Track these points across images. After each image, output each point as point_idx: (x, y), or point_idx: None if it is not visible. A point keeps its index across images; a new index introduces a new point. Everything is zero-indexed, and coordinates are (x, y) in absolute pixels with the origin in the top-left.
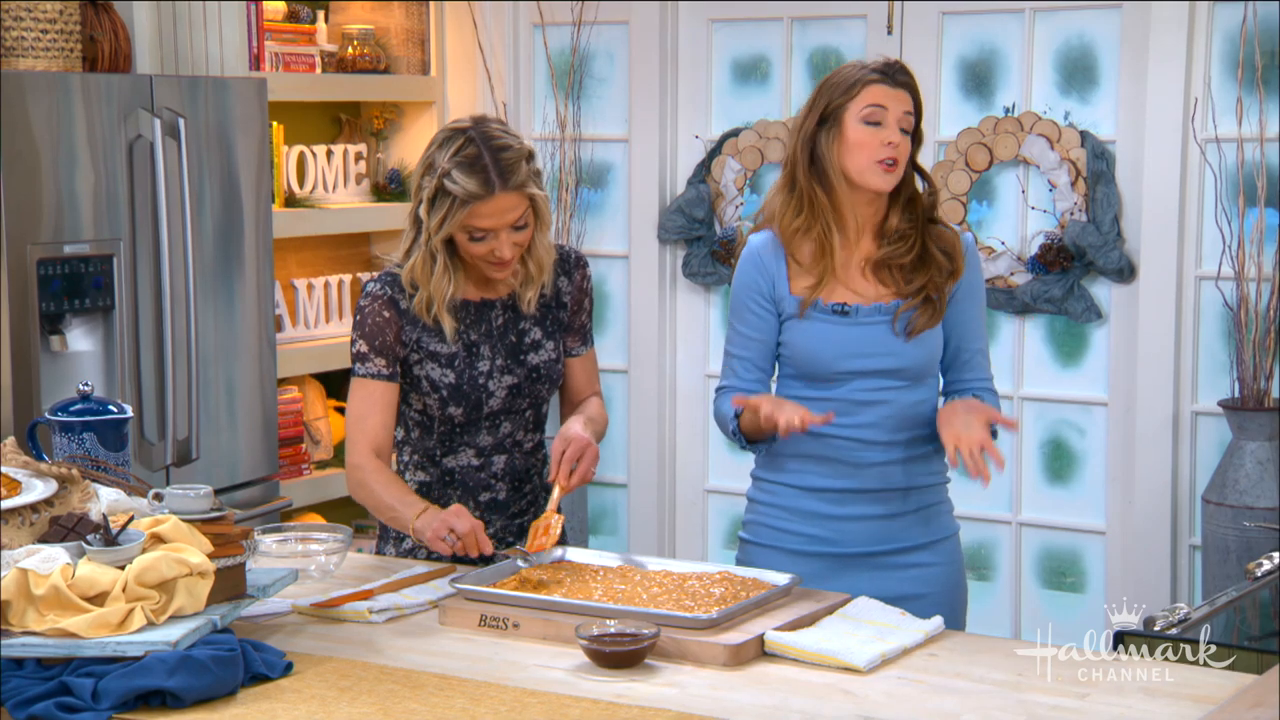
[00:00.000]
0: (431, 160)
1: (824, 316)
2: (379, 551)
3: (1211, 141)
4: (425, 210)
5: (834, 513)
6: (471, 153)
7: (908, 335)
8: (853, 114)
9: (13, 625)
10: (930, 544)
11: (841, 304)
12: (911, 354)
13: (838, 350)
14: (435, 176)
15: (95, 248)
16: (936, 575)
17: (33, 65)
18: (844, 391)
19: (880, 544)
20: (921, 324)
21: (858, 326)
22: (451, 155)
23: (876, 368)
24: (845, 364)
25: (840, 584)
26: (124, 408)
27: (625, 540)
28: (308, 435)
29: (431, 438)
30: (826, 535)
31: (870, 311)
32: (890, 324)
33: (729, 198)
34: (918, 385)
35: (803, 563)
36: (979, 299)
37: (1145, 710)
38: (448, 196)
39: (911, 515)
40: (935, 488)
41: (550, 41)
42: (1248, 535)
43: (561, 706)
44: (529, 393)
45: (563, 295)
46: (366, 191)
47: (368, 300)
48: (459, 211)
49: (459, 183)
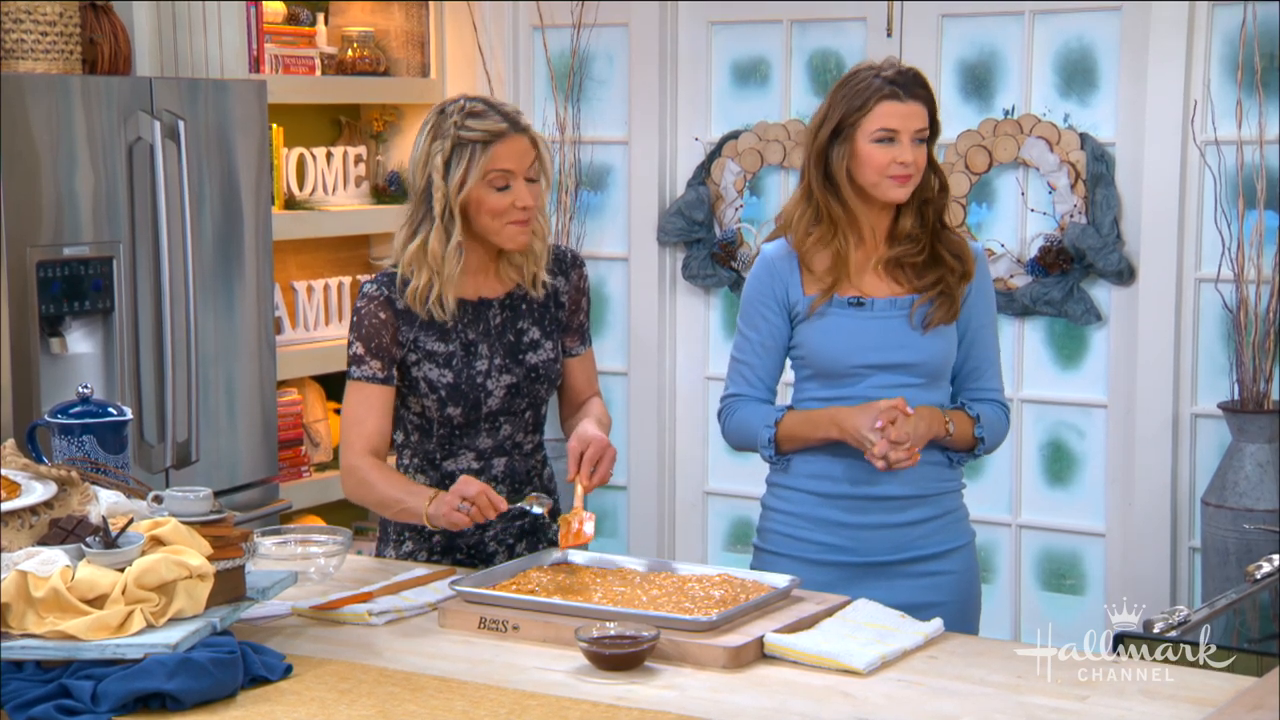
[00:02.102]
0: (436, 128)
1: (840, 310)
2: (379, 554)
3: (1211, 144)
4: (441, 175)
5: (851, 521)
6: (476, 107)
7: (924, 328)
8: (864, 132)
9: (12, 628)
10: (946, 552)
11: (857, 297)
12: (928, 348)
13: (854, 343)
14: (447, 137)
15: (95, 250)
16: (952, 583)
17: (33, 67)
18: (861, 389)
19: (897, 553)
20: (938, 317)
21: (874, 320)
22: (457, 113)
23: (893, 361)
24: (862, 357)
25: (856, 592)
26: (124, 410)
27: (625, 543)
28: (307, 437)
29: (431, 441)
30: (843, 544)
31: (886, 305)
32: (907, 317)
33: (728, 200)
34: (933, 386)
35: (819, 571)
36: (989, 308)
37: (1145, 712)
38: (466, 146)
39: (928, 523)
40: (951, 494)
41: (550, 44)
42: (1247, 537)
43: (561, 709)
44: (528, 393)
45: (560, 295)
46: (366, 194)
47: (364, 301)
48: (481, 157)
49: (475, 128)
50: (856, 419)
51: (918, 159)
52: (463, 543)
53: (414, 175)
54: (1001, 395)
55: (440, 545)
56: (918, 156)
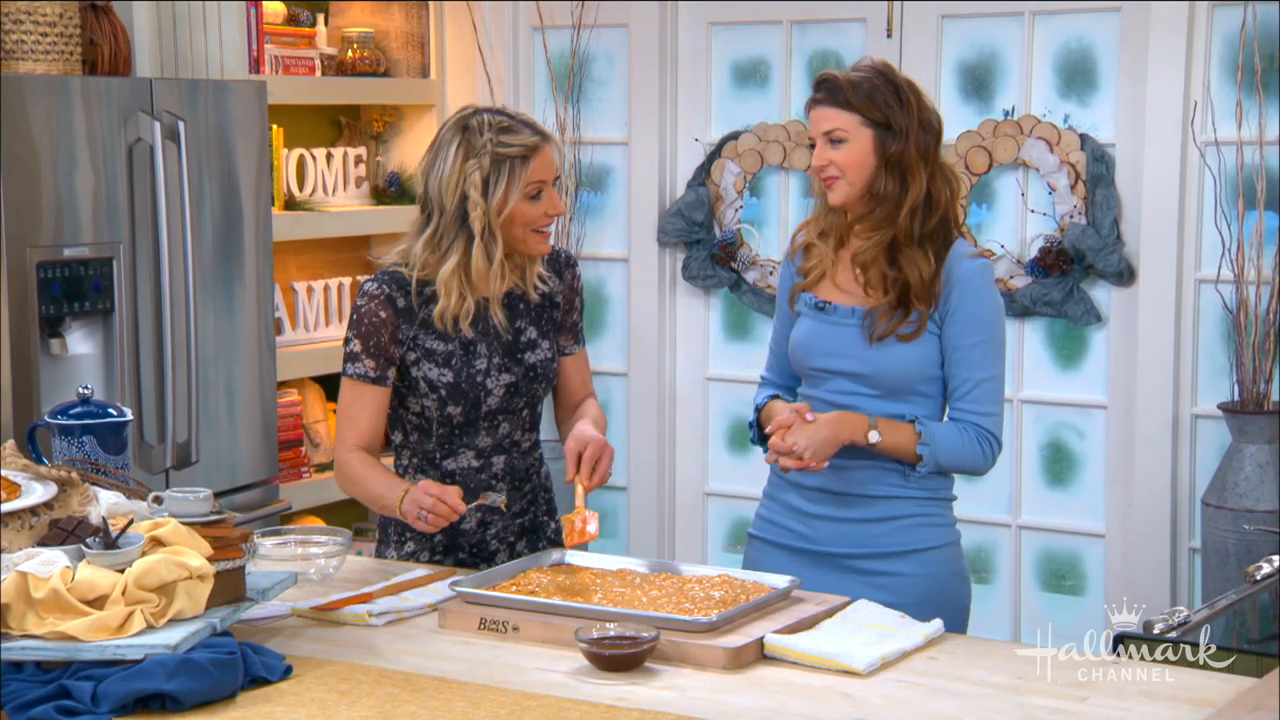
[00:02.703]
0: (468, 147)
1: (809, 312)
2: (379, 554)
3: (1211, 144)
4: (480, 192)
5: (808, 510)
6: (503, 121)
7: (871, 340)
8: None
9: (12, 628)
10: (906, 554)
11: (825, 301)
12: (877, 360)
13: (812, 346)
14: (484, 154)
15: (95, 251)
16: (910, 586)
17: (33, 68)
18: (822, 391)
19: (849, 546)
20: (883, 328)
21: (832, 325)
22: (487, 129)
23: (843, 369)
24: (817, 361)
25: (815, 581)
26: (124, 411)
27: (625, 543)
28: (307, 438)
29: (430, 440)
30: (805, 531)
31: (846, 313)
32: (860, 328)
33: (728, 200)
34: (894, 399)
35: (784, 557)
36: (976, 329)
37: (1145, 713)
38: (505, 162)
39: (879, 524)
40: (907, 500)
41: (550, 44)
42: (1247, 538)
43: (561, 709)
44: (526, 392)
45: (555, 295)
46: (366, 194)
47: (365, 299)
48: (521, 170)
49: (511, 144)
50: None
51: (840, 161)
52: (465, 542)
53: (442, 195)
54: (987, 420)
55: (442, 545)
56: (838, 159)
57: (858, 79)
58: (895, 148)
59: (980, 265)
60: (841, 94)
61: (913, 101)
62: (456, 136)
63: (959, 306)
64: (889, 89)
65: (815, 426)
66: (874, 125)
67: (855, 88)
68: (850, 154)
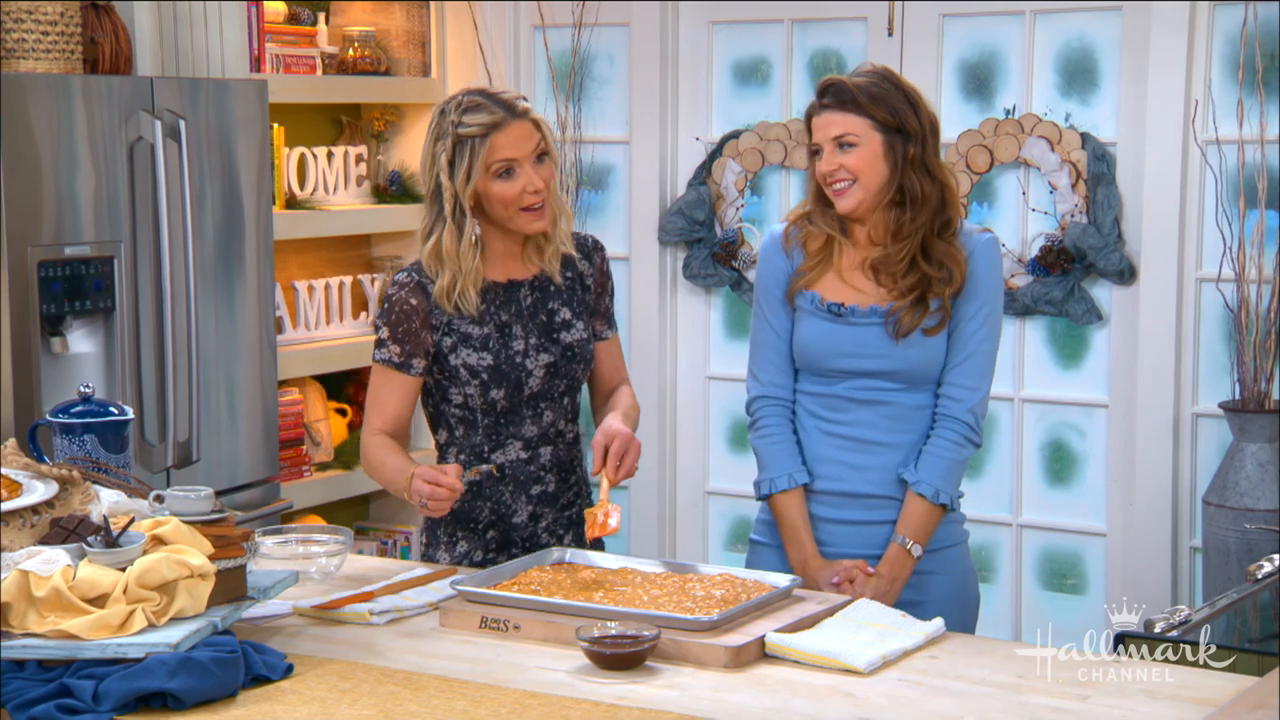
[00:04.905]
0: (438, 129)
1: (820, 314)
2: (427, 558)
3: (1212, 143)
4: (446, 175)
5: (830, 516)
6: (473, 100)
7: (897, 337)
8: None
9: (13, 627)
10: (928, 552)
11: (838, 304)
12: (904, 356)
13: (831, 349)
14: (447, 136)
15: (96, 249)
16: (932, 583)
17: (33, 67)
18: (841, 389)
19: (863, 548)
20: (909, 324)
21: (851, 327)
22: (455, 110)
23: (869, 369)
24: (839, 363)
25: None
26: (125, 409)
27: (626, 543)
28: (308, 437)
29: (477, 433)
30: (821, 537)
31: (865, 313)
32: (883, 326)
33: (729, 199)
34: (916, 389)
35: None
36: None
37: (1146, 712)
38: (465, 142)
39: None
40: None
41: (551, 43)
42: (1248, 537)
43: (562, 708)
44: (565, 373)
45: (585, 278)
46: (367, 193)
47: (396, 288)
48: (480, 150)
49: (471, 123)
50: (819, 575)
51: (852, 165)
52: (517, 536)
53: (423, 178)
54: (971, 396)
55: (495, 542)
56: (850, 163)
57: (865, 83)
58: (913, 150)
59: (991, 239)
60: (851, 98)
61: (922, 104)
62: (433, 120)
63: (970, 276)
64: (898, 93)
65: (876, 580)
66: (884, 129)
67: (865, 92)
68: (862, 158)
